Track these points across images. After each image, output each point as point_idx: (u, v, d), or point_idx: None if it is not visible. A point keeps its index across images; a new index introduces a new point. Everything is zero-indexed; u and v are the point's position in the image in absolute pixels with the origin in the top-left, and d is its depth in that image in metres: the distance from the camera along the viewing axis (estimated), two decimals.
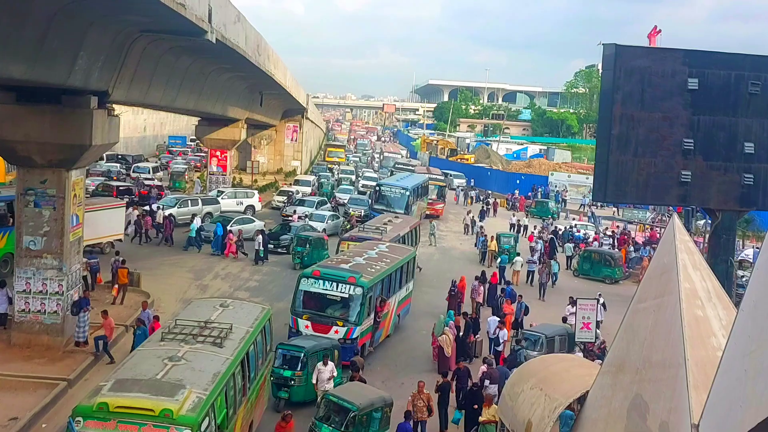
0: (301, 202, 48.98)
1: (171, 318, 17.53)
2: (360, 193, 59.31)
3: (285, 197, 52.23)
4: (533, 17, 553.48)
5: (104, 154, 52.57)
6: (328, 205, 50.56)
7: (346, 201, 51.48)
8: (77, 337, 22.21)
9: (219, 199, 46.80)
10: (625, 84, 26.77)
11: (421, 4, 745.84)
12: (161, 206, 41.16)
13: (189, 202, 43.76)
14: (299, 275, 24.05)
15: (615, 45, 27.01)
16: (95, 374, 20.55)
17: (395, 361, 24.46)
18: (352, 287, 22.98)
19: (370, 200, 48.71)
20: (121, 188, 46.54)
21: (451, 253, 43.72)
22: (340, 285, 23.07)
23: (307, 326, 22.63)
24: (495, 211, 63.57)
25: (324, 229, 41.23)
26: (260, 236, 36.33)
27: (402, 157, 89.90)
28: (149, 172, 57.99)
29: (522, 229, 50.92)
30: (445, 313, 26.92)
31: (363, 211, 46.50)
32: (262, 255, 36.02)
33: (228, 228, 37.95)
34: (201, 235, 37.85)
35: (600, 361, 18.05)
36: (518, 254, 40.14)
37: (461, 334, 24.89)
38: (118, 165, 61.12)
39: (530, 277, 36.26)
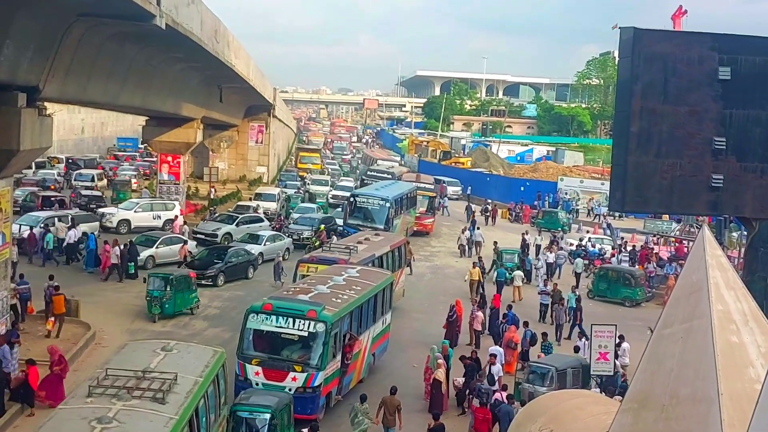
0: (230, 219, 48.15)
1: (100, 366, 16.63)
2: (331, 205, 58.95)
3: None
4: None
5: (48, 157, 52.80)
6: (266, 222, 49.22)
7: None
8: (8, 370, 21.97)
9: (133, 211, 46.38)
10: (645, 73, 26.85)
11: None
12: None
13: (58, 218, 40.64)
14: (246, 310, 22.64)
15: (633, 28, 27.10)
16: (25, 419, 20.39)
17: (372, 408, 22.25)
18: (313, 323, 21.73)
19: (343, 213, 48.06)
20: (50, 198, 46.57)
21: (444, 271, 43.83)
22: (297, 321, 21.78)
23: (257, 373, 21.38)
24: (494, 218, 63.55)
25: (261, 253, 40.48)
26: (116, 248, 35.79)
27: (398, 164, 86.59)
28: (92, 180, 58.02)
29: (534, 248, 48.59)
30: (439, 344, 26.86)
31: (306, 231, 46.13)
32: (131, 270, 35.73)
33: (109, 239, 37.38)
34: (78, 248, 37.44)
35: (620, 397, 18.11)
36: (519, 267, 40.62)
37: (461, 378, 24.51)
38: (55, 172, 61.12)
39: (543, 313, 34.76)
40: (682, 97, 26.79)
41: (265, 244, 41.66)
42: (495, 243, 44.84)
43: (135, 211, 46.59)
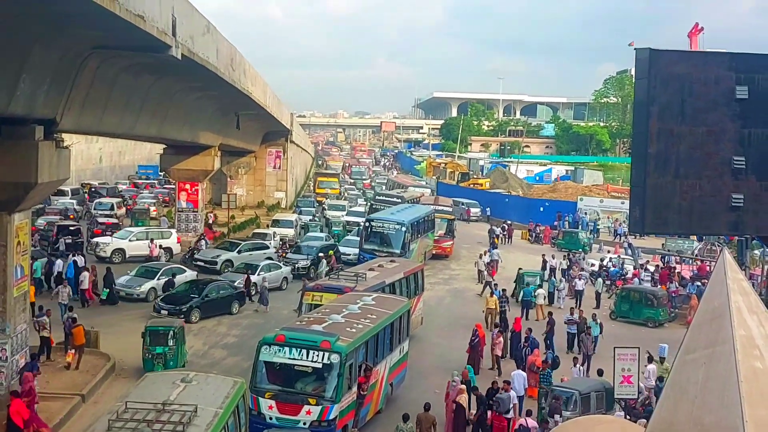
0: (233, 246, 47.39)
1: (120, 398, 16.54)
2: (348, 231, 57.44)
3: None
4: (553, 17, 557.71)
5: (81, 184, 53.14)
6: (271, 248, 48.62)
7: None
8: None
9: (128, 240, 46.04)
10: (662, 94, 26.82)
11: (422, 5, 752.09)
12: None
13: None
14: (259, 342, 22.23)
15: (649, 49, 27.10)
16: None
17: None
18: (327, 354, 21.24)
19: (360, 239, 47.67)
20: (68, 228, 46.92)
21: (464, 295, 43.66)
22: (311, 352, 21.31)
23: (270, 406, 20.94)
24: (510, 237, 63.32)
25: (255, 283, 39.34)
26: (85, 272, 35.68)
27: (428, 192, 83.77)
28: (111, 209, 58.36)
29: (558, 271, 47.50)
30: (461, 369, 26.71)
31: (303, 261, 44.85)
32: (104, 296, 35.81)
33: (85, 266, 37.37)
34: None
35: (645, 422, 17.96)
36: (540, 286, 40.69)
37: (471, 411, 23.89)
38: (75, 201, 61.62)
39: (570, 343, 33.67)
40: (700, 118, 26.75)
41: (259, 274, 40.52)
42: (520, 269, 44.21)
43: (130, 240, 46.08)
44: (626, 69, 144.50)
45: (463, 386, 24.23)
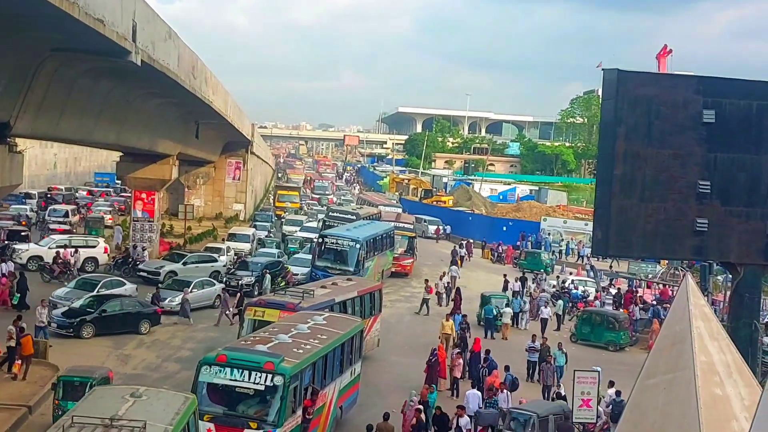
0: (179, 257, 46.46)
1: (67, 414, 16.17)
2: (304, 248, 55.48)
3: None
4: (522, 34, 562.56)
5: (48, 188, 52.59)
6: (221, 262, 47.53)
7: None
8: None
9: (47, 248, 44.68)
10: (629, 116, 27.03)
11: (389, 17, 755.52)
12: None
13: None
14: (199, 362, 21.48)
15: (617, 70, 27.33)
16: None
17: None
18: (270, 376, 20.52)
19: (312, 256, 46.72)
20: (20, 233, 47.06)
21: (424, 313, 43.64)
22: (253, 373, 20.59)
23: (209, 430, 20.07)
24: (470, 254, 63.47)
25: (185, 300, 37.39)
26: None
27: (399, 210, 79.78)
28: (65, 216, 57.83)
29: (514, 294, 46.49)
30: (418, 388, 26.73)
31: (247, 277, 43.51)
32: (15, 301, 35.00)
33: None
34: None
35: None
36: (508, 305, 40.95)
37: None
38: (28, 207, 61.24)
39: (530, 372, 33.33)
40: (667, 140, 26.98)
41: (192, 291, 38.90)
42: (483, 293, 43.77)
43: (49, 248, 44.88)
44: (593, 89, 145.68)
45: (420, 407, 24.24)
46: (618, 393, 26.50)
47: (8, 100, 21.84)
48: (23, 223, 54.68)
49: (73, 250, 44.45)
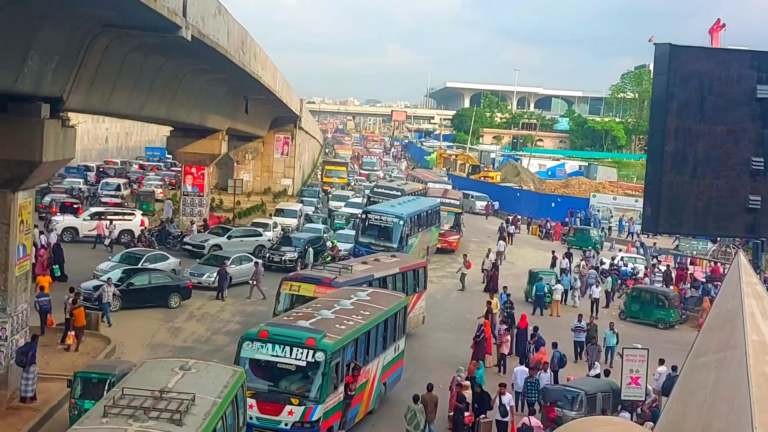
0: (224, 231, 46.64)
1: (118, 386, 16.42)
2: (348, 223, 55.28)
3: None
4: (571, 8, 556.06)
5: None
6: (266, 237, 47.57)
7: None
8: (23, 391, 22.20)
9: (81, 219, 45.56)
10: (681, 91, 26.79)
11: None
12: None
13: None
14: (241, 337, 21.61)
15: (669, 45, 27.07)
16: None
17: None
18: (311, 352, 20.45)
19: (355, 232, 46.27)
20: (71, 206, 48.12)
21: (472, 288, 43.63)
22: (295, 350, 20.57)
23: (251, 406, 19.77)
24: (517, 229, 63.05)
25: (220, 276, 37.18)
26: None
27: (449, 188, 75.24)
28: (117, 189, 58.56)
29: (563, 271, 46.05)
30: (465, 364, 26.73)
31: (290, 253, 43.37)
32: (56, 273, 35.09)
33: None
34: None
35: (652, 425, 17.98)
36: (559, 281, 40.79)
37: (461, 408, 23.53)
38: (81, 181, 62.38)
39: (579, 350, 32.61)
40: (719, 116, 26.73)
41: (231, 266, 38.83)
42: (531, 270, 43.50)
43: (84, 219, 45.65)
44: (644, 64, 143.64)
45: (468, 383, 24.26)
46: (674, 368, 26.22)
47: (61, 75, 22.05)
48: (76, 196, 55.46)
49: (108, 222, 44.74)
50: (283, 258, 42.79)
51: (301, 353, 20.56)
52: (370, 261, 33.39)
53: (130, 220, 46.88)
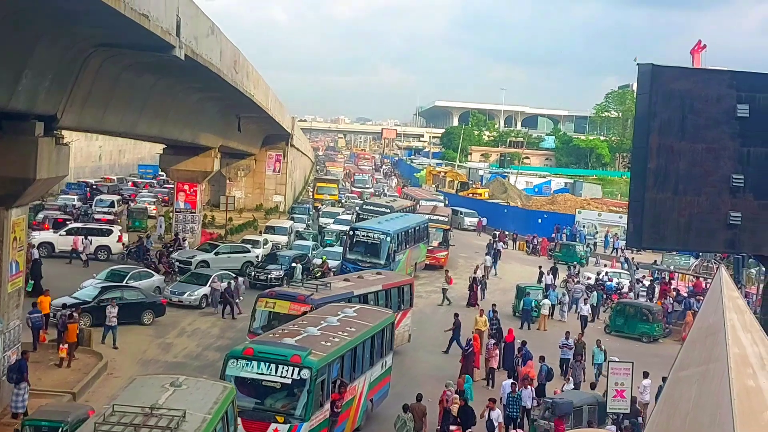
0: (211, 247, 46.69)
1: (107, 401, 16.28)
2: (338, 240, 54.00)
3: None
4: (557, 29, 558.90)
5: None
6: (254, 253, 46.85)
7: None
8: (14, 408, 22.04)
9: (57, 234, 44.63)
10: (663, 110, 26.86)
11: (426, 15, 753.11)
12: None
13: None
14: (226, 355, 21.29)
15: (651, 65, 27.15)
16: None
17: None
18: (297, 369, 20.08)
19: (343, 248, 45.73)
20: (63, 222, 47.61)
21: (460, 303, 43.58)
22: (280, 367, 20.19)
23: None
24: (504, 243, 62.89)
25: (205, 295, 37.41)
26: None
27: (441, 204, 76.27)
28: (111, 206, 58.38)
29: (547, 287, 45.93)
30: (454, 378, 26.65)
31: (276, 271, 42.40)
32: (29, 288, 32.58)
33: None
34: None
35: None
36: (546, 296, 40.82)
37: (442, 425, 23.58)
38: (75, 197, 62.25)
39: (564, 369, 31.38)
40: (700, 135, 26.79)
41: (211, 285, 37.97)
42: (518, 285, 43.67)
43: (60, 235, 44.95)
44: (628, 84, 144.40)
45: (457, 396, 24.21)
46: (664, 379, 26.07)
47: (55, 93, 22.02)
48: (69, 213, 55.25)
49: (83, 237, 44.11)
50: (269, 276, 41.96)
51: (287, 371, 20.20)
52: (353, 278, 32.93)
53: (107, 236, 46.15)
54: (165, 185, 78.17)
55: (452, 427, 23.08)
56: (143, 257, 44.08)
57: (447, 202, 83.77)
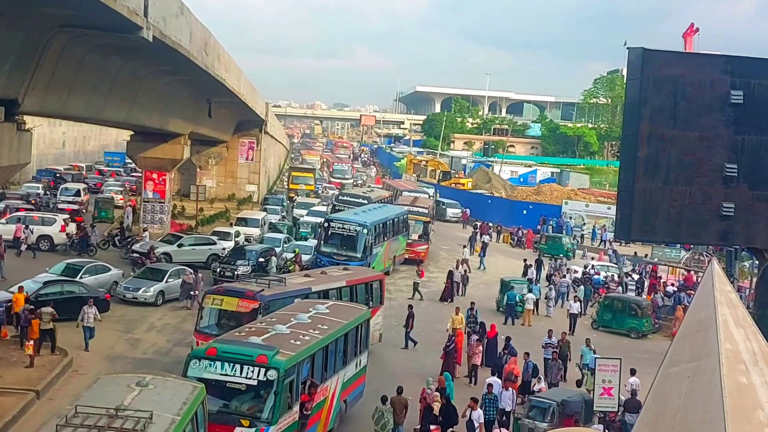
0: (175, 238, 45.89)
1: (70, 403, 15.81)
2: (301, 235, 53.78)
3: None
4: (543, 11, 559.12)
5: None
6: (222, 246, 45.93)
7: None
8: None
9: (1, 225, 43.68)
10: (654, 96, 26.85)
11: None
12: None
13: None
14: (188, 355, 20.82)
15: (642, 49, 27.12)
16: None
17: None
18: (263, 370, 19.60)
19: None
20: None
21: (435, 299, 43.66)
22: (245, 368, 19.70)
23: None
24: (484, 235, 63.20)
25: (161, 291, 36.69)
26: None
27: (424, 195, 75.30)
28: (77, 194, 58.03)
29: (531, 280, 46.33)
30: (435, 375, 26.73)
31: (243, 267, 41.29)
32: None
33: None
34: None
35: None
36: (530, 290, 41.02)
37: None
38: (40, 186, 62.09)
39: (548, 370, 31.14)
40: (693, 122, 26.79)
41: (167, 281, 37.35)
42: (502, 278, 43.76)
43: (1, 223, 44.23)
44: (617, 69, 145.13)
45: (437, 394, 24.26)
46: (634, 392, 26.21)
47: (16, 77, 21.90)
48: (33, 201, 54.97)
49: (24, 226, 43.27)
50: (236, 272, 40.32)
51: (252, 371, 19.72)
52: (315, 273, 32.49)
53: (50, 225, 45.32)
54: (132, 173, 77.82)
55: (432, 427, 23.14)
56: (86, 248, 43.65)
57: (439, 195, 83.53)
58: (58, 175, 71.13)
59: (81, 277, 35.10)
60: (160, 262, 41.27)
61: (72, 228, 45.95)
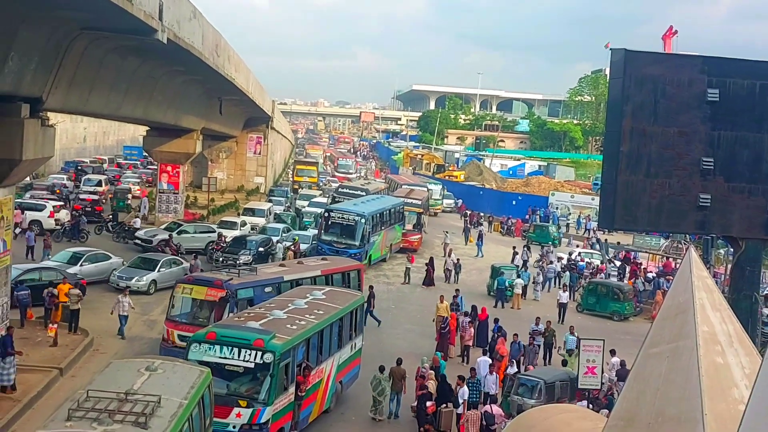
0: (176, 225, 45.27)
1: (83, 386, 15.55)
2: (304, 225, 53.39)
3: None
4: (532, 15, 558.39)
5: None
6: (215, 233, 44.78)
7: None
8: (2, 381, 21.98)
9: None
10: (635, 94, 26.85)
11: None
12: None
13: None
14: (188, 339, 20.72)
15: (624, 50, 27.12)
16: (23, 426, 20.32)
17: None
18: (260, 353, 19.59)
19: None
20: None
21: (436, 283, 43.70)
22: (243, 351, 19.70)
23: None
24: (473, 224, 62.78)
25: (153, 281, 35.24)
26: None
27: (423, 188, 71.49)
28: (98, 185, 58.06)
29: (522, 265, 46.85)
30: (430, 355, 26.81)
31: (245, 256, 40.05)
32: None
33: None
34: None
35: (607, 412, 18.11)
36: (519, 276, 40.97)
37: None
38: (64, 177, 61.97)
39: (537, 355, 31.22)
40: (672, 119, 26.79)
41: (159, 270, 36.02)
42: (493, 265, 43.78)
43: None
44: (601, 69, 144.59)
45: (432, 372, 24.34)
46: (623, 363, 26.48)
47: (41, 76, 21.89)
48: (57, 191, 54.97)
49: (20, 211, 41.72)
50: (237, 261, 38.43)
51: (250, 355, 19.73)
52: (290, 263, 32.07)
53: (40, 210, 44.68)
54: (149, 166, 77.86)
55: (428, 404, 23.16)
56: (78, 235, 43.26)
57: (446, 191, 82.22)
58: (80, 167, 71.13)
59: (82, 265, 34.69)
60: (179, 250, 40.98)
61: (62, 215, 45.72)
